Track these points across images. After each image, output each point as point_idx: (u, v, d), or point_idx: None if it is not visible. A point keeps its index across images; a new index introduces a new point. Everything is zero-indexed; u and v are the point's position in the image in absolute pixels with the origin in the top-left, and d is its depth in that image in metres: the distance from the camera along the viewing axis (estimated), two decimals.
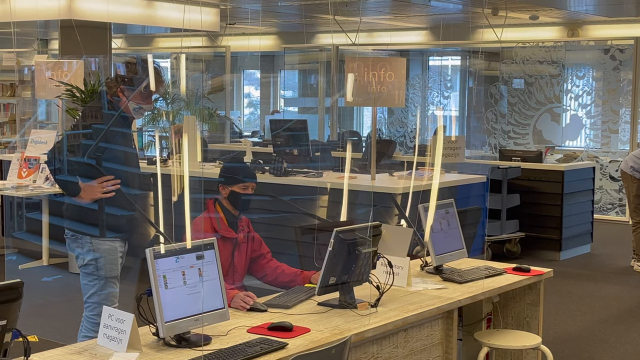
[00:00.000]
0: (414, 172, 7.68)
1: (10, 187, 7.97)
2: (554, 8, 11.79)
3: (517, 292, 4.62)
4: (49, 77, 7.86)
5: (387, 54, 14.95)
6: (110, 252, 4.27)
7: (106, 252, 4.26)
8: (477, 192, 7.79)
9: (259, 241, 4.41)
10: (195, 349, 3.11)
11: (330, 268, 3.69)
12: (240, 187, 4.30)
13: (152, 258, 3.12)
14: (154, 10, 10.63)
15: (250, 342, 3.16)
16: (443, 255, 4.48)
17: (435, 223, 4.47)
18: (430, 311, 3.80)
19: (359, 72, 6.75)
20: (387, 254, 3.93)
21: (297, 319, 3.51)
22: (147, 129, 14.06)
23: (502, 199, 8.60)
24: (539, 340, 4.35)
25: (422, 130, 14.71)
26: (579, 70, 12.82)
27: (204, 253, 3.28)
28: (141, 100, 4.28)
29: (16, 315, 2.60)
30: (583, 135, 12.78)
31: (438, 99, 14.32)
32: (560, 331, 6.23)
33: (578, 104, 12.55)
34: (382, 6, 12.55)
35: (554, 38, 13.48)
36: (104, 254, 4.25)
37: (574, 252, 9.08)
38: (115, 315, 3.11)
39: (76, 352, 3.10)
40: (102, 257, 4.24)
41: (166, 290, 3.13)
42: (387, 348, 3.65)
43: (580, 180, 9.20)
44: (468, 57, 15.70)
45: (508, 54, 12.73)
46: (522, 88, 12.70)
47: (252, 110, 20.82)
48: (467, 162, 8.42)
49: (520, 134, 12.62)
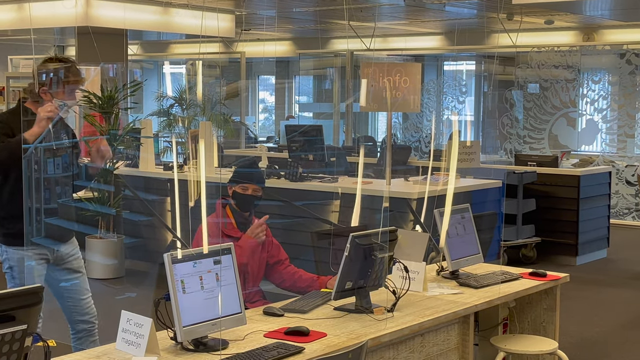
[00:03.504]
0: (429, 177, 7.68)
1: None
2: (569, 13, 11.76)
3: (534, 297, 4.61)
4: None
5: (401, 59, 14.95)
6: (21, 261, 4.20)
7: (18, 261, 4.20)
8: (493, 197, 7.78)
9: (277, 247, 4.43)
10: (213, 353, 3.13)
11: (346, 273, 3.70)
12: (240, 188, 4.35)
13: (170, 263, 3.14)
14: (170, 16, 10.68)
15: (267, 347, 3.18)
16: (459, 260, 4.48)
17: (452, 228, 4.48)
18: (446, 316, 3.81)
19: (375, 77, 6.76)
20: (403, 259, 3.94)
21: (313, 324, 3.52)
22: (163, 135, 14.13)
23: (518, 203, 8.58)
24: (556, 345, 4.35)
25: (437, 135, 14.69)
26: (594, 74, 12.77)
27: (221, 258, 3.30)
28: (64, 97, 4.19)
29: (36, 319, 2.62)
30: (599, 140, 12.73)
31: (453, 104, 14.30)
32: (577, 336, 6.21)
33: (594, 108, 12.50)
34: (396, 11, 12.57)
35: (569, 42, 13.45)
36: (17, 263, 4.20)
37: (590, 257, 9.05)
38: (134, 319, 3.13)
39: (95, 356, 3.13)
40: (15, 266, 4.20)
41: (184, 295, 3.16)
42: (403, 353, 3.66)
43: (597, 185, 9.17)
44: (483, 62, 15.68)
45: (523, 58, 12.71)
46: (537, 93, 12.66)
47: (267, 115, 20.87)
48: (483, 167, 8.41)
49: (535, 138, 12.59)
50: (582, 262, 8.87)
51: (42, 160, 4.26)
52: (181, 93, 14.90)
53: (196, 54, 15.85)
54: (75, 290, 4.33)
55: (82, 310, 4.34)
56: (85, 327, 4.35)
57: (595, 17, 12.33)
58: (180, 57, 18.06)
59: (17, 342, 2.49)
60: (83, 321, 4.35)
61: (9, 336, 2.46)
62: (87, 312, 4.36)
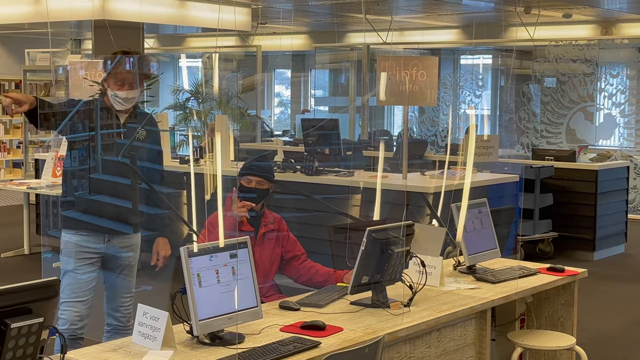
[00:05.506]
0: (446, 171, 7.65)
1: (44, 186, 8.06)
2: (587, 6, 11.68)
3: (551, 292, 4.58)
4: (83, 77, 7.93)
5: (418, 52, 14.90)
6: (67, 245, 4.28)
7: (63, 244, 4.30)
8: (510, 192, 7.74)
9: (293, 242, 4.41)
10: (229, 347, 3.12)
11: (362, 267, 3.68)
12: (244, 181, 4.34)
13: (187, 256, 3.14)
14: (186, 10, 10.69)
15: (283, 341, 3.17)
16: (476, 255, 4.46)
17: (469, 222, 4.45)
18: (463, 311, 3.78)
19: (392, 70, 6.73)
20: (420, 254, 3.92)
21: (329, 318, 3.51)
22: (179, 129, 14.15)
23: (535, 198, 8.54)
24: (574, 341, 4.31)
25: (453, 129, 14.64)
26: (612, 68, 12.67)
27: (237, 252, 3.29)
28: (116, 87, 4.22)
29: (53, 312, 2.62)
30: (617, 134, 12.64)
31: (470, 98, 14.24)
32: (595, 332, 6.17)
33: (612, 102, 12.41)
34: (413, 5, 12.52)
35: (587, 36, 13.35)
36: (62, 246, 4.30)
37: (608, 252, 8.99)
38: (150, 313, 3.13)
39: (111, 349, 3.13)
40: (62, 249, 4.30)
41: (200, 288, 3.15)
42: (420, 348, 3.64)
43: (614, 180, 9.11)
44: (500, 56, 15.60)
45: (541, 52, 12.63)
46: (554, 87, 12.59)
47: (283, 109, 20.87)
48: (500, 162, 8.37)
49: (553, 133, 12.51)
50: (599, 258, 8.81)
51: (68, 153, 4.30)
52: (197, 86, 14.91)
53: (212, 48, 15.85)
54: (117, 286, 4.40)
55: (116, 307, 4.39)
56: (116, 324, 4.39)
57: (613, 11, 12.23)
58: (196, 51, 18.07)
59: (33, 335, 2.50)
60: (115, 317, 4.40)
61: (26, 329, 2.47)
62: (122, 312, 4.40)
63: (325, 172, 7.51)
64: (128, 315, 4.40)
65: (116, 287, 4.39)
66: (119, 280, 4.37)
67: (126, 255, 4.36)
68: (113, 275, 4.36)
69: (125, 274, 4.38)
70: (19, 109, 3.96)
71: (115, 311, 4.39)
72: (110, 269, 4.35)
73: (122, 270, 4.37)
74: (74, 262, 4.22)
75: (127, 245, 4.36)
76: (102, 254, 4.29)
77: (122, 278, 4.37)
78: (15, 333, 2.44)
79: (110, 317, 4.40)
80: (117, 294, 4.39)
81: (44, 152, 11.88)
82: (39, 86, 13.63)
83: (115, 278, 4.37)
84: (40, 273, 7.34)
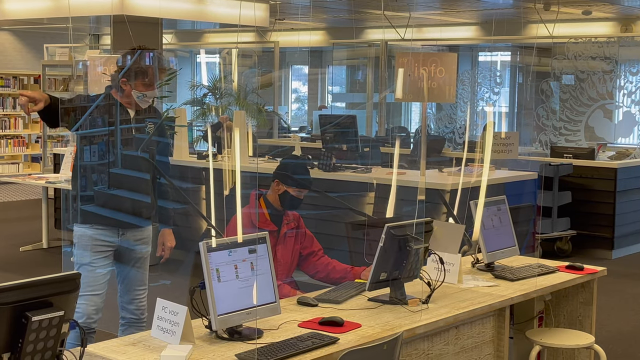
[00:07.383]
0: (464, 168, 7.62)
1: (63, 181, 8.11)
2: (607, 3, 11.60)
3: (570, 290, 4.56)
4: (102, 72, 7.96)
5: (436, 49, 14.85)
6: (82, 238, 4.30)
7: (77, 237, 4.32)
8: (528, 189, 7.71)
9: (310, 238, 4.41)
10: (247, 342, 3.13)
11: (381, 264, 3.68)
12: (295, 191, 4.32)
13: (206, 251, 3.14)
14: (205, 5, 10.70)
15: (301, 337, 3.17)
16: (494, 252, 4.44)
17: (487, 220, 4.44)
18: (481, 308, 3.77)
19: (410, 67, 6.71)
20: (438, 251, 3.91)
21: (347, 314, 3.51)
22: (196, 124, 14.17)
23: (553, 196, 8.50)
24: (592, 340, 4.29)
25: (471, 126, 14.58)
26: (632, 66, 12.56)
27: (256, 247, 3.29)
28: (143, 88, 4.25)
29: (73, 306, 2.64)
30: (636, 132, 12.54)
31: (488, 95, 14.17)
32: (613, 330, 6.14)
33: (631, 100, 12.31)
34: (432, 1, 12.48)
35: (607, 33, 13.26)
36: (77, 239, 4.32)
37: (627, 251, 8.94)
38: (169, 307, 3.14)
39: (130, 343, 3.14)
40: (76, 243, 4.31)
41: (219, 283, 3.16)
42: (438, 345, 3.63)
43: (634, 178, 9.05)
44: (518, 53, 15.53)
45: (560, 49, 12.55)
46: (572, 84, 12.51)
47: (300, 105, 20.86)
48: (518, 159, 8.33)
49: (571, 130, 12.43)
50: (617, 256, 8.76)
51: (79, 148, 4.31)
52: (215, 82, 14.94)
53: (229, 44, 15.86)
54: (131, 279, 4.41)
55: (130, 299, 4.41)
56: (130, 317, 4.40)
57: (634, 8, 12.14)
58: (214, 47, 18.09)
59: (54, 329, 2.51)
60: (129, 310, 4.41)
61: (46, 322, 2.48)
62: (136, 304, 4.41)
63: (343, 169, 7.51)
64: (142, 308, 4.43)
65: (130, 280, 4.41)
66: (132, 273, 4.39)
67: (139, 249, 4.38)
68: (127, 269, 4.38)
69: (138, 266, 4.40)
70: (35, 108, 3.99)
71: (129, 304, 4.41)
72: (124, 262, 4.37)
73: (136, 263, 4.39)
74: (89, 256, 4.24)
75: (141, 238, 4.38)
76: (116, 247, 4.31)
77: (136, 271, 4.39)
78: (36, 326, 2.45)
79: (125, 310, 4.42)
80: (130, 287, 4.41)
81: (63, 146, 11.95)
82: (58, 81, 13.70)
83: (128, 271, 4.39)
84: (57, 267, 7.38)
